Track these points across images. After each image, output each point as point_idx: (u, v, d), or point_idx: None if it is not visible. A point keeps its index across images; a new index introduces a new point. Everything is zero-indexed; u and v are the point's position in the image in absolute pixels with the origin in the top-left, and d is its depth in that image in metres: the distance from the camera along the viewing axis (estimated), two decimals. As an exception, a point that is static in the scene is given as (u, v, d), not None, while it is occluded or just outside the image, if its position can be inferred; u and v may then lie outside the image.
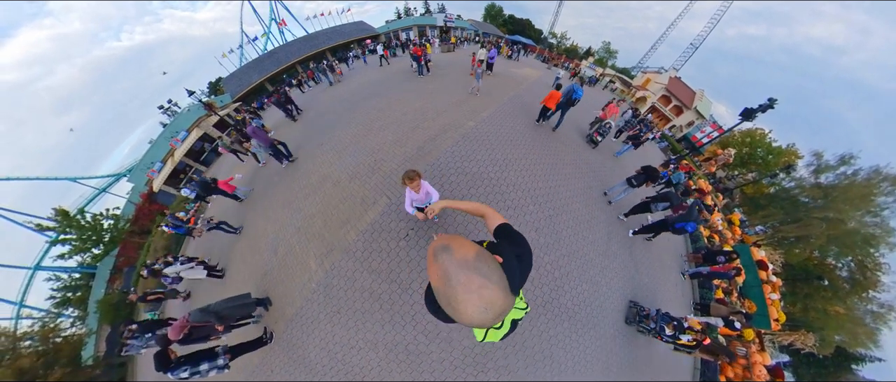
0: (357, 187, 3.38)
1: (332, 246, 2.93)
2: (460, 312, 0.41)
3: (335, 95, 7.71)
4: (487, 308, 0.41)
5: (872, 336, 9.59)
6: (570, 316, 2.70)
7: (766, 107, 7.10)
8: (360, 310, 2.54)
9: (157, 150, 10.90)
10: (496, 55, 7.19)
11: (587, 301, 2.83)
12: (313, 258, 2.96)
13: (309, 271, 2.90)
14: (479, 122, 4.32)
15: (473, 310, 0.41)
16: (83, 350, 7.40)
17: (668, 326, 2.73)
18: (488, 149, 3.77)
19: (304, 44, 17.85)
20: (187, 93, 10.61)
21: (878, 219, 9.57)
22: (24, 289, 12.41)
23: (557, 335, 2.58)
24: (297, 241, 3.24)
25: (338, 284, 2.71)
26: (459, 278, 0.42)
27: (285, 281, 3.03)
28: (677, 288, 3.89)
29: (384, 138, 4.15)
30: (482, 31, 23.52)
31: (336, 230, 3.04)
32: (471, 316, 0.41)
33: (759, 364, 3.48)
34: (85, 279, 9.62)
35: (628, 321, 2.98)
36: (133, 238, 9.12)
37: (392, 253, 2.73)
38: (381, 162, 3.63)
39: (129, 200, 10.71)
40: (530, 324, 2.54)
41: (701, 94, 17.30)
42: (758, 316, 4.17)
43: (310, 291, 2.77)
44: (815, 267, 10.04)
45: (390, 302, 2.52)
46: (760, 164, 12.44)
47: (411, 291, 2.54)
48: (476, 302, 0.40)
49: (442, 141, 3.84)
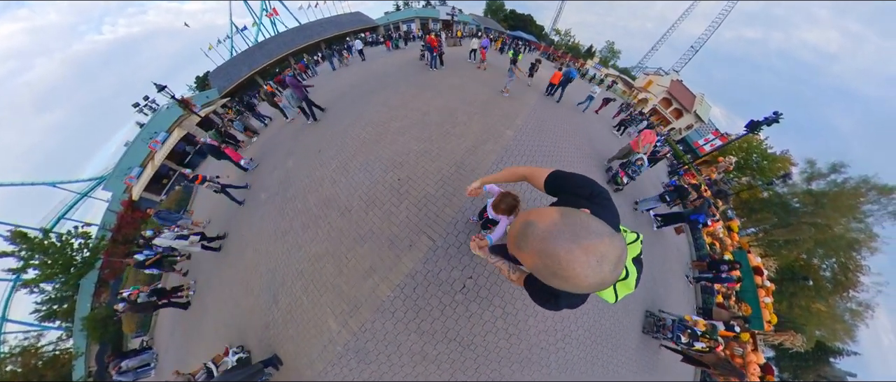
0: (378, 220, 2.54)
1: (356, 303, 2.24)
2: (578, 281, 0.37)
3: (333, 86, 6.55)
4: (601, 260, 0.37)
5: (850, 332, 10.16)
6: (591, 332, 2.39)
7: (771, 121, 6.71)
8: (411, 374, 1.97)
9: (134, 154, 9.40)
10: (488, 44, 7.30)
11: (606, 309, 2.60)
12: (332, 316, 2.27)
13: (328, 331, 2.23)
14: (517, 131, 3.76)
15: (590, 271, 0.37)
16: (73, 372, 6.66)
17: (683, 334, 2.84)
18: (530, 162, 3.30)
19: (296, 34, 16.24)
20: (157, 88, 8.17)
21: (862, 225, 9.96)
22: (4, 302, 11.07)
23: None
24: (303, 291, 2.51)
25: (375, 349, 2.08)
26: (557, 247, 0.37)
27: (296, 338, 2.35)
28: (682, 294, 3.93)
29: (406, 146, 3.21)
30: (484, 25, 22.12)
31: (359, 281, 2.31)
32: (590, 279, 0.37)
33: (753, 364, 3.66)
34: (70, 290, 8.39)
35: (646, 330, 3.03)
36: (117, 247, 8.09)
37: (447, 309, 2.10)
38: (408, 182, 2.74)
39: (109, 208, 9.31)
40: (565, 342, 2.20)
41: (701, 98, 17.17)
42: (752, 319, 4.38)
43: (334, 355, 2.14)
44: (801, 268, 10.44)
45: (451, 363, 1.97)
46: (755, 170, 12.55)
47: (475, 346, 2.02)
48: (586, 261, 0.36)
49: (483, 154, 3.16)
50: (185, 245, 3.52)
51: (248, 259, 3.09)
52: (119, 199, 8.95)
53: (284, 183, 3.58)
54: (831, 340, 10.29)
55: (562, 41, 29.58)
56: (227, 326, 2.95)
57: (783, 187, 11.18)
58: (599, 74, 17.37)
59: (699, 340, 2.76)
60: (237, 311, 2.91)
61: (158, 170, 8.87)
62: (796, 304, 9.82)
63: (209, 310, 3.32)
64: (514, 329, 2.11)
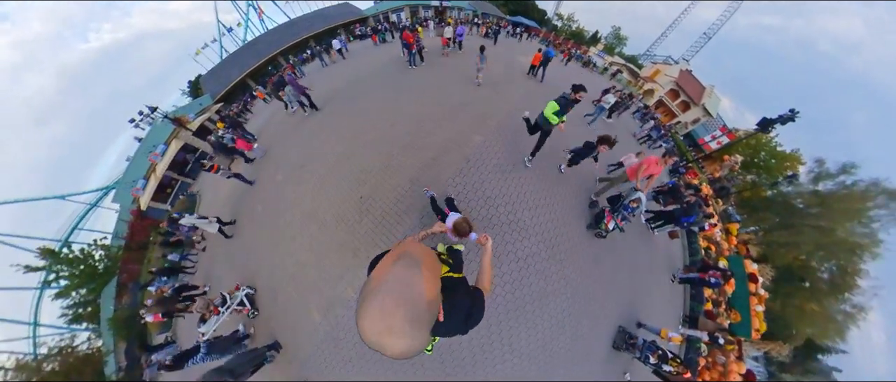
0: (345, 235, 3.11)
1: (331, 301, 3.00)
2: (360, 319, 0.38)
3: (319, 92, 6.73)
4: (382, 343, 0.38)
5: (841, 332, 10.37)
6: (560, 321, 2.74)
7: (786, 120, 6.03)
8: (371, 360, 2.63)
9: (137, 167, 10.46)
10: (464, 32, 7.15)
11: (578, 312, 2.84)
12: (316, 310, 3.04)
13: (314, 322, 2.98)
14: (487, 136, 3.64)
15: (371, 331, 0.38)
16: (105, 367, 7.85)
17: (653, 355, 2.92)
18: (498, 173, 3.19)
19: (285, 31, 16.50)
20: (149, 110, 9.49)
21: (867, 230, 9.80)
22: (35, 309, 12.58)
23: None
24: (294, 290, 3.23)
25: (345, 337, 2.74)
26: (386, 299, 0.39)
27: (292, 327, 3.13)
28: (668, 302, 3.97)
29: (372, 162, 3.54)
30: (481, 11, 21.51)
31: (333, 284, 3.04)
32: (364, 331, 0.38)
33: (734, 373, 3.87)
34: (94, 294, 9.74)
35: (616, 346, 3.13)
36: (132, 253, 9.11)
37: None
38: (369, 200, 3.16)
39: (120, 218, 10.50)
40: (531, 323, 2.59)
41: (710, 90, 16.60)
42: (741, 326, 4.42)
43: (318, 340, 2.87)
44: (799, 269, 10.46)
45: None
46: (762, 168, 12.38)
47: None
48: (379, 328, 0.37)
49: (443, 166, 3.24)
50: (205, 223, 4.36)
51: (252, 265, 3.91)
52: (128, 209, 10.03)
53: (276, 198, 4.24)
54: (821, 338, 10.51)
55: (564, 26, 28.29)
56: (236, 321, 3.76)
57: (788, 187, 10.84)
58: (603, 62, 16.86)
59: (668, 363, 2.75)
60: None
61: (161, 180, 9.83)
62: (789, 304, 9.93)
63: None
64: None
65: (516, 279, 2.78)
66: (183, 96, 20.89)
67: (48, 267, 9.08)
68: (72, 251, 9.30)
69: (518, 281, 2.78)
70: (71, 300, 9.98)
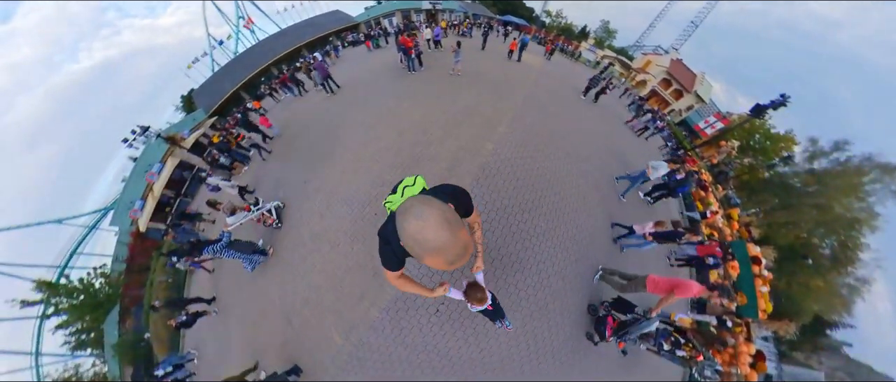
0: (362, 254, 2.95)
1: (353, 323, 2.86)
2: (405, 228, 0.55)
3: (312, 106, 6.60)
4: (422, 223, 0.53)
5: (847, 306, 10.62)
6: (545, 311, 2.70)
7: (778, 105, 6.26)
8: (401, 376, 2.56)
9: (134, 188, 10.15)
10: (440, 33, 8.05)
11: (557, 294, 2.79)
12: (336, 332, 2.91)
13: (335, 345, 2.85)
14: (498, 143, 3.51)
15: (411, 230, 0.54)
16: None
17: (666, 341, 2.80)
18: (513, 179, 3.13)
19: (276, 41, 16.28)
20: (141, 130, 9.11)
21: (864, 204, 10.05)
22: (36, 338, 12.05)
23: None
24: (311, 314, 3.07)
25: (371, 358, 2.64)
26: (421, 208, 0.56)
27: (311, 350, 2.99)
28: None
29: (381, 176, 3.35)
30: (472, 12, 21.49)
31: (353, 305, 2.91)
32: (405, 231, 0.55)
33: (744, 354, 3.81)
34: (96, 323, 9.39)
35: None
36: (133, 276, 8.89)
37: (425, 327, 2.66)
38: (383, 216, 3.12)
39: (119, 240, 10.14)
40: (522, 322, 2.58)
41: (701, 77, 16.84)
42: (747, 307, 4.43)
43: (342, 362, 2.75)
44: (801, 247, 10.66)
45: (432, 370, 2.54)
46: (758, 150, 12.58)
47: (451, 358, 2.55)
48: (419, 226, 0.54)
49: (459, 177, 3.12)
50: (228, 186, 4.57)
51: (261, 286, 3.68)
52: (127, 231, 9.75)
53: (282, 214, 3.99)
54: (827, 314, 10.76)
55: (553, 23, 28.47)
56: (249, 345, 3.62)
57: (785, 167, 11.15)
58: (595, 57, 16.90)
59: (681, 348, 2.66)
60: (255, 331, 3.57)
61: (159, 200, 9.53)
62: (795, 281, 10.11)
63: (233, 331, 3.96)
64: (485, 343, 2.63)
65: (536, 283, 2.75)
66: (176, 112, 20.41)
67: (46, 299, 8.72)
68: (70, 281, 9.03)
69: (538, 284, 2.75)
70: (72, 328, 9.69)
